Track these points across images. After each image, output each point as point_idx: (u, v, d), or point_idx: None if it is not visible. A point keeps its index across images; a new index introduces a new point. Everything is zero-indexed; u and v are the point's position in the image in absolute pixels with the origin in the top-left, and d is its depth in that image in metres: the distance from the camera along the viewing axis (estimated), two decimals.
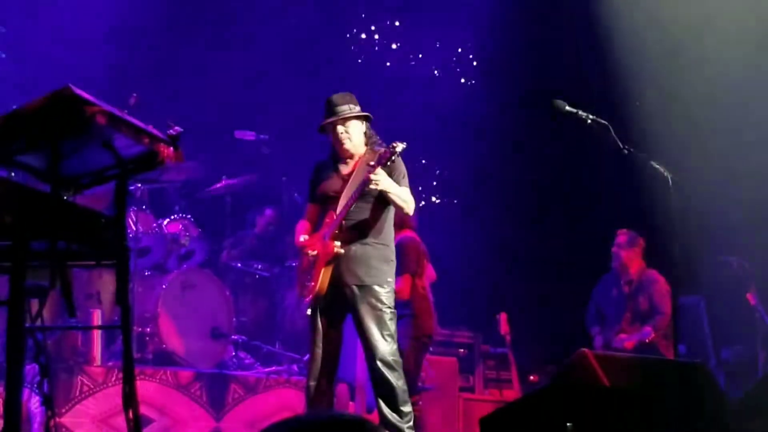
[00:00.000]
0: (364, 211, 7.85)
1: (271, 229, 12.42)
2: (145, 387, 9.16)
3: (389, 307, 7.82)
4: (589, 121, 7.37)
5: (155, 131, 5.45)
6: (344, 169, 8.04)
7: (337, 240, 7.76)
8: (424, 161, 16.01)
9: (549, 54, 14.80)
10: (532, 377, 12.64)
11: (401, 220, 9.72)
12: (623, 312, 11.27)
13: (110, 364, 9.56)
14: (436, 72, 16.24)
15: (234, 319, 10.77)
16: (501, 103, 15.20)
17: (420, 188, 15.84)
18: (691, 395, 6.11)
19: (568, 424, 4.65)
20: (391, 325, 7.82)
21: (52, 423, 6.79)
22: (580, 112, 7.37)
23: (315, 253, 7.85)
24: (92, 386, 9.20)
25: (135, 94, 9.71)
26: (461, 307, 12.50)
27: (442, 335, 10.90)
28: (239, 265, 11.70)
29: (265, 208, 12.31)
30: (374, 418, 7.93)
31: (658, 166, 7.42)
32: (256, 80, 13.10)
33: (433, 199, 16.13)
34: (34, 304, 5.99)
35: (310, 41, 14.68)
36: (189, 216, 11.24)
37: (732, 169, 14.63)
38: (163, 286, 10.30)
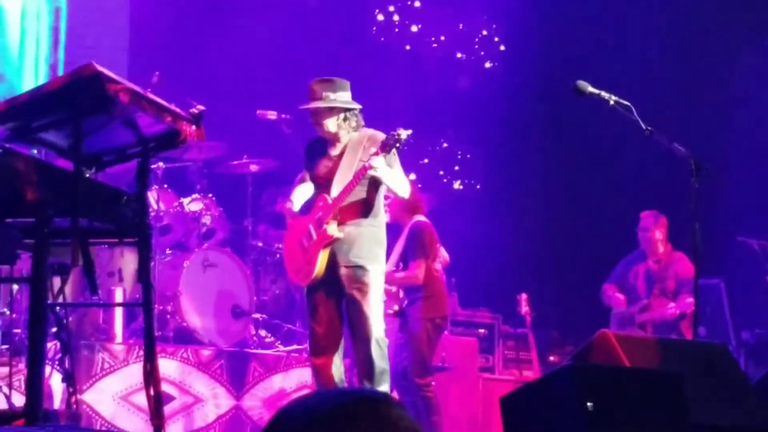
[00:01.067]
0: (358, 194, 7.87)
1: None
2: (165, 365, 9.17)
3: (379, 289, 7.88)
4: (611, 102, 7.33)
5: (177, 110, 5.46)
6: (332, 151, 8.04)
7: (333, 224, 7.78)
8: (446, 144, 16.02)
9: (573, 37, 14.78)
10: (552, 357, 12.64)
11: (412, 207, 9.78)
12: (652, 288, 11.27)
13: (131, 341, 9.59)
14: (459, 55, 16.24)
15: (255, 297, 10.77)
16: (525, 85, 15.19)
17: (441, 172, 15.88)
18: (711, 376, 6.10)
19: (588, 404, 4.64)
20: (381, 307, 7.89)
21: (73, 399, 6.83)
22: (603, 93, 7.34)
23: (314, 238, 7.86)
24: (113, 363, 9.23)
25: (157, 73, 9.71)
26: (481, 287, 12.50)
27: (462, 315, 10.90)
28: (260, 244, 11.70)
29: (286, 189, 12.34)
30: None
31: (679, 147, 7.39)
32: (279, 59, 13.08)
33: (456, 184, 16.13)
34: (57, 282, 6.03)
35: (333, 21, 14.69)
36: (210, 195, 11.24)
37: (754, 149, 14.63)
38: (185, 265, 10.31)
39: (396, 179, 7.86)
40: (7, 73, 11.97)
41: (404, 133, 7.68)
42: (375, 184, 7.87)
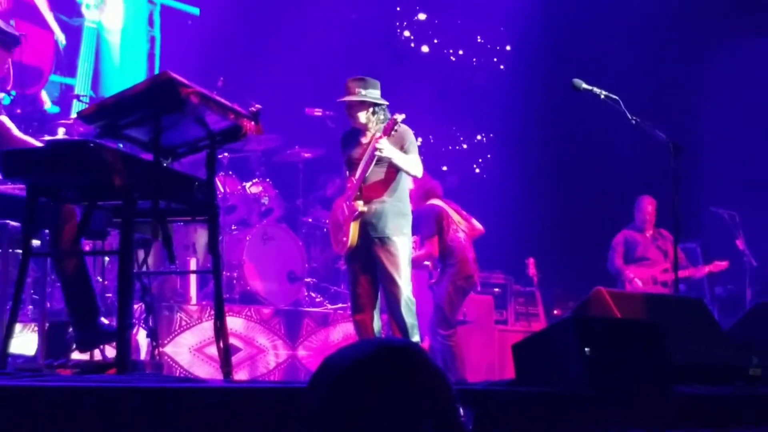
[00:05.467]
0: (378, 174, 7.92)
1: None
2: (232, 322, 9.21)
3: (406, 256, 7.90)
4: (602, 96, 7.32)
5: (239, 108, 5.47)
6: (363, 139, 8.06)
7: (358, 200, 7.84)
8: (462, 137, 16.02)
9: (573, 42, 14.74)
10: (555, 311, 12.63)
11: (426, 193, 9.86)
12: (662, 254, 11.31)
13: (204, 303, 9.62)
14: (474, 59, 16.25)
15: (306, 264, 10.79)
16: (531, 83, 15.20)
17: (461, 154, 15.86)
18: (689, 325, 6.09)
19: (586, 349, 4.64)
20: (408, 271, 7.91)
21: (156, 352, 6.86)
22: (595, 89, 7.32)
23: (346, 213, 7.93)
24: (189, 321, 9.27)
25: (222, 78, 9.76)
26: (496, 253, 12.48)
27: (481, 277, 10.90)
28: (311, 220, 11.72)
29: (335, 177, 12.34)
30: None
31: (660, 133, 7.37)
32: (324, 64, 13.09)
33: (475, 167, 16.15)
34: (141, 254, 6.06)
35: (369, 33, 14.72)
36: (268, 179, 11.27)
37: (723, 133, 14.59)
38: (247, 238, 10.33)
39: (406, 159, 7.86)
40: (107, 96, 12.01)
41: (399, 117, 7.78)
42: (393, 166, 7.89)
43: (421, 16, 15.90)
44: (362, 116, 7.99)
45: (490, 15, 15.79)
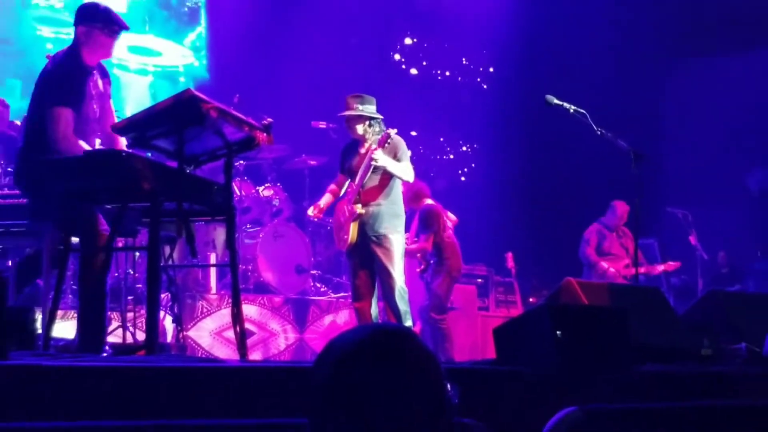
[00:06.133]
0: (374, 180, 7.95)
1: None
2: (248, 309, 9.22)
3: (400, 251, 7.94)
4: (571, 110, 7.30)
5: (253, 121, 5.48)
6: (361, 149, 8.09)
7: (357, 203, 7.89)
8: (445, 144, 16.02)
9: (547, 63, 14.76)
10: (531, 299, 12.64)
11: (417, 195, 9.87)
12: (624, 251, 11.32)
13: (222, 292, 9.62)
14: (459, 78, 16.28)
15: (312, 258, 10.80)
16: (509, 99, 15.22)
17: (449, 162, 15.86)
18: (648, 311, 6.09)
19: (558, 332, 4.64)
20: (402, 264, 7.96)
21: (181, 336, 6.87)
22: (565, 104, 7.31)
23: (347, 215, 7.97)
24: (209, 308, 9.27)
25: (238, 95, 9.75)
26: (479, 248, 12.49)
27: (465, 269, 10.89)
28: (315, 219, 11.72)
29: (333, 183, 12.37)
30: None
31: (622, 142, 7.37)
32: (327, 82, 13.11)
33: (459, 172, 16.15)
34: (167, 249, 6.06)
35: (367, 55, 14.74)
36: (278, 184, 11.25)
37: (678, 141, 14.63)
38: (260, 236, 10.34)
39: (398, 167, 7.89)
40: None
41: (392, 131, 7.84)
42: (387, 172, 7.91)
43: (407, 41, 15.89)
44: (359, 128, 8.01)
45: (474, 39, 15.80)
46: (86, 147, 5.61)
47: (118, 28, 5.89)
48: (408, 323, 7.87)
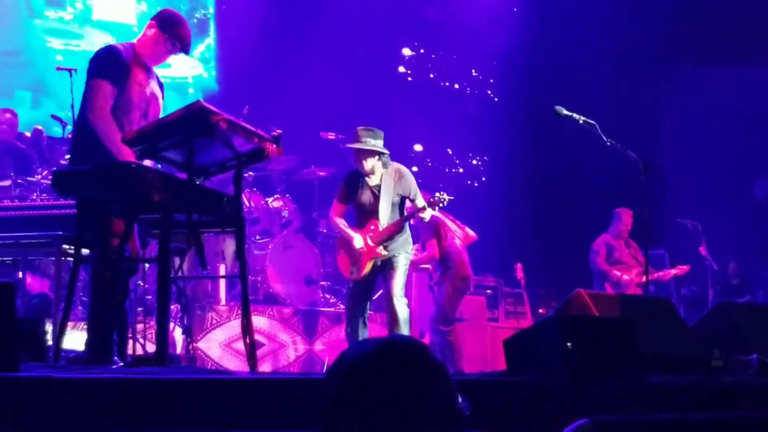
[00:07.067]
0: (393, 217, 8.20)
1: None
2: (257, 320, 9.21)
3: (405, 267, 8.17)
4: (581, 121, 7.31)
5: (262, 133, 5.48)
6: (370, 182, 8.22)
7: (380, 246, 8.14)
8: (454, 157, 16.02)
9: (556, 74, 14.76)
10: (541, 310, 12.61)
11: None
12: (634, 259, 11.34)
13: (232, 303, 9.63)
14: (468, 89, 16.28)
15: (321, 269, 10.80)
16: (516, 109, 15.23)
17: (456, 172, 15.87)
18: (658, 323, 6.08)
19: (567, 344, 4.63)
20: (404, 278, 8.16)
21: (190, 347, 6.88)
22: (574, 115, 7.31)
23: (363, 249, 8.18)
24: (219, 320, 9.28)
25: (247, 107, 9.77)
26: (488, 259, 12.48)
27: (474, 280, 10.88)
28: (325, 230, 11.73)
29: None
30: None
31: (631, 153, 7.36)
32: (336, 95, 13.13)
33: (468, 182, 16.14)
34: (177, 261, 6.06)
35: (375, 68, 14.75)
36: (287, 195, 11.27)
37: (687, 153, 14.63)
38: (270, 247, 10.35)
39: (430, 213, 8.22)
40: None
41: (446, 198, 8.16)
42: (402, 209, 8.26)
43: (408, 52, 15.89)
44: (368, 163, 8.12)
45: (483, 51, 15.80)
46: (118, 132, 5.58)
47: (180, 48, 5.99)
48: (405, 330, 7.97)
